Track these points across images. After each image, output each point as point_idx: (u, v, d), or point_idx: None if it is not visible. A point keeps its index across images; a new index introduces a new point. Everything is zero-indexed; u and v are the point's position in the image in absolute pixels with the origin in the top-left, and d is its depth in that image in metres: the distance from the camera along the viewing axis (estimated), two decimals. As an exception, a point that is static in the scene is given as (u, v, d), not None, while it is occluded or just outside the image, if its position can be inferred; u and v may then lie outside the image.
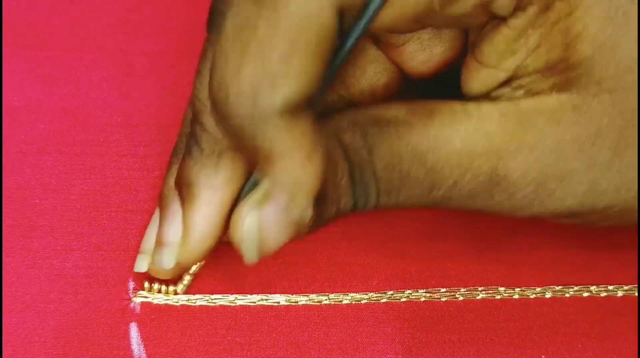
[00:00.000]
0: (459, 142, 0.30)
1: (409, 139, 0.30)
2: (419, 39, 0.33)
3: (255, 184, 0.30)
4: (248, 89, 0.27)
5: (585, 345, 0.37)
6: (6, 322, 0.35)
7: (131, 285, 0.36)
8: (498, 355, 0.37)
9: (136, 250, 0.37)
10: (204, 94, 0.31)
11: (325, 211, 0.31)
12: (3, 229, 0.37)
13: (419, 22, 0.30)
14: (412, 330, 0.37)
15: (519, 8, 0.29)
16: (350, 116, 0.32)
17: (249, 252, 0.31)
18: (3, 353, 0.34)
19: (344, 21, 0.28)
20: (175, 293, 0.36)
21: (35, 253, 0.37)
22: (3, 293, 0.36)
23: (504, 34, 0.30)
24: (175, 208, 0.33)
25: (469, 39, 0.33)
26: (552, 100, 0.30)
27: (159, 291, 0.36)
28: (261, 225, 0.30)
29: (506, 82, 0.31)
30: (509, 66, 0.30)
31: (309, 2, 0.27)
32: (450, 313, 0.37)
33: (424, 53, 0.33)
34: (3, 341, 0.35)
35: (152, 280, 0.36)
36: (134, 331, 0.35)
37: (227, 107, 0.27)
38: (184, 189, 0.32)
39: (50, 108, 0.40)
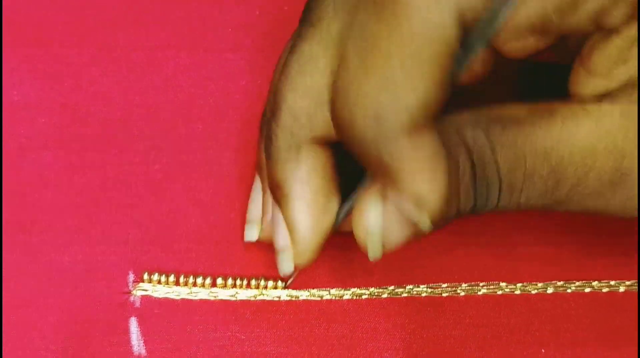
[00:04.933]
0: (581, 140, 0.30)
1: (533, 137, 0.30)
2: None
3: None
4: (373, 111, 0.27)
5: (587, 341, 0.37)
6: (5, 318, 0.35)
7: (131, 277, 0.36)
8: (498, 352, 0.37)
9: (136, 243, 0.37)
10: (286, 88, 0.31)
11: (445, 211, 0.30)
12: (2, 224, 0.37)
13: (532, 33, 0.30)
14: (413, 326, 0.37)
15: (633, 17, 0.28)
16: (469, 114, 0.31)
17: (374, 248, 0.31)
18: (3, 349, 0.34)
19: (465, 30, 0.28)
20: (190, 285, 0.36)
21: (34, 248, 0.36)
22: (2, 289, 0.35)
23: (616, 44, 0.29)
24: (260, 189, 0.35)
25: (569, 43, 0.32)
26: None
27: (159, 282, 0.36)
28: (384, 221, 0.30)
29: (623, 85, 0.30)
30: (620, 75, 0.30)
31: (431, 15, 0.26)
32: (451, 309, 0.37)
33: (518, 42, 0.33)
34: (3, 337, 0.34)
35: (152, 271, 0.36)
36: (133, 326, 0.35)
37: (353, 132, 0.28)
38: (277, 192, 0.33)
39: (50, 104, 0.40)
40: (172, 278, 0.36)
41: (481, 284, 0.38)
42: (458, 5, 0.27)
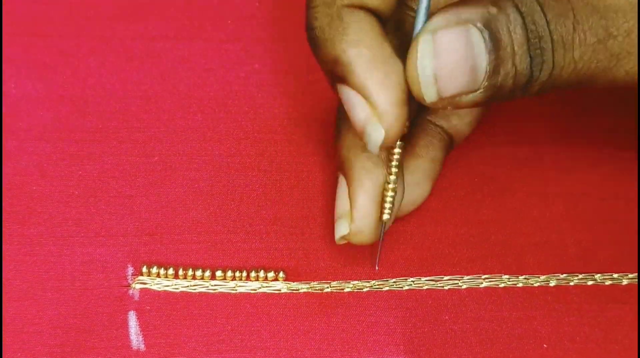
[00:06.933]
0: None
1: None
2: None
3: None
4: None
5: (589, 335, 0.37)
6: (4, 311, 0.34)
7: (130, 270, 0.36)
8: (500, 346, 0.36)
9: (135, 236, 0.37)
10: None
11: (501, 61, 0.30)
12: (2, 216, 0.36)
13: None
14: (414, 320, 0.36)
15: None
16: None
17: (426, 88, 0.30)
18: (2, 342, 0.34)
19: None
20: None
21: (33, 240, 0.36)
22: (2, 282, 0.35)
23: None
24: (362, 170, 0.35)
25: None
26: None
27: (158, 275, 0.36)
28: (436, 49, 0.30)
29: None
30: None
31: None
32: (453, 302, 0.37)
33: None
34: (2, 330, 0.34)
35: (150, 263, 0.36)
36: (132, 320, 0.35)
37: None
38: (337, 69, 0.32)
39: (49, 96, 0.40)
40: (170, 271, 0.36)
41: (483, 276, 0.38)
42: None
